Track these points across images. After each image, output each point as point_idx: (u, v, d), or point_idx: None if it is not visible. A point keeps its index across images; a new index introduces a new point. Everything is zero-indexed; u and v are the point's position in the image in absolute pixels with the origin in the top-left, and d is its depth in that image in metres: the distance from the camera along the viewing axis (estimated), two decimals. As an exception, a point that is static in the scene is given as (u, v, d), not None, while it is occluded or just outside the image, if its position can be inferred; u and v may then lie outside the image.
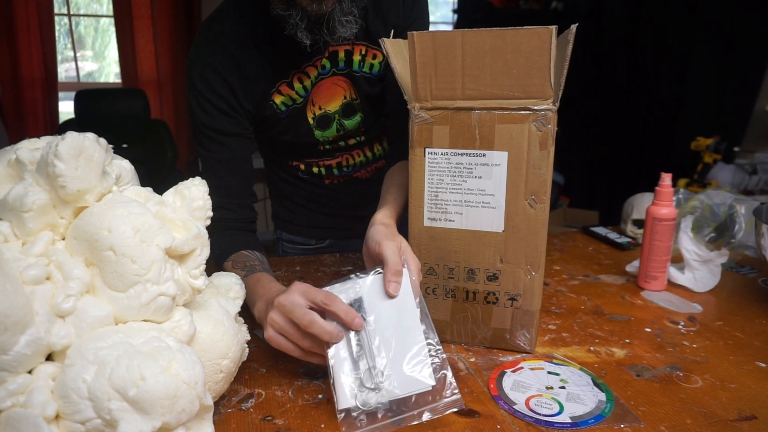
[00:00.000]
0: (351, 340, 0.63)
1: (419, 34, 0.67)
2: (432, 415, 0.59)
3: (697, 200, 1.12)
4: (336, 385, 0.61)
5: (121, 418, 0.47)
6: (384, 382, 0.60)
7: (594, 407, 0.63)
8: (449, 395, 0.60)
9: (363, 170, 1.12)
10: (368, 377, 0.61)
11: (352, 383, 0.61)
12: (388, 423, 0.59)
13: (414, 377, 0.60)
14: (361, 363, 0.62)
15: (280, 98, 0.95)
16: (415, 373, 0.61)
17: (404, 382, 0.60)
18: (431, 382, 0.60)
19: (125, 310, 0.53)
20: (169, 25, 3.42)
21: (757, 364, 0.72)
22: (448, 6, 4.37)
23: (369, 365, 0.61)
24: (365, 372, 0.61)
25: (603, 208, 3.46)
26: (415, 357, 0.62)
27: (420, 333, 0.63)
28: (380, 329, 0.63)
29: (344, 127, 1.02)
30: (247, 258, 0.86)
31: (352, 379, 0.61)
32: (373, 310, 0.65)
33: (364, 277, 0.67)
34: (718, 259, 0.95)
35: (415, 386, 0.60)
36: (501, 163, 0.69)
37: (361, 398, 0.60)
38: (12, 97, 3.17)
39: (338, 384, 0.61)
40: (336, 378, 0.61)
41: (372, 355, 0.62)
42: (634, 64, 3.33)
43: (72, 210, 0.55)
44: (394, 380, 0.60)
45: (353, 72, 0.97)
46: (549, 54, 0.64)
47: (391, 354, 0.62)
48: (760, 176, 2.84)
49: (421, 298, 0.67)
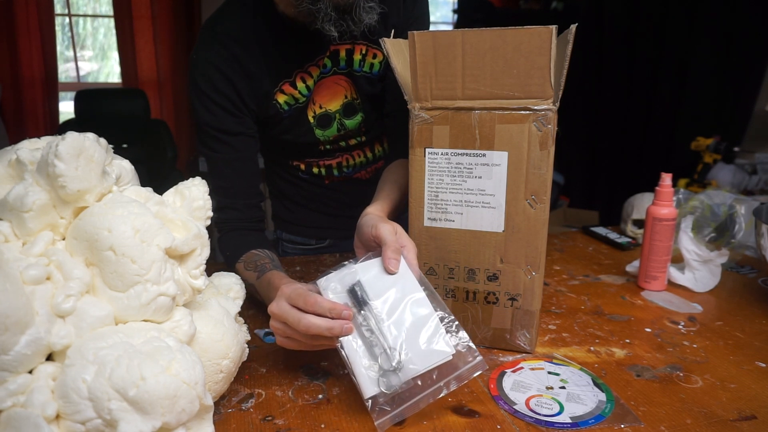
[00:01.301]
0: (360, 327, 0.62)
1: (420, 33, 0.67)
2: (458, 383, 0.59)
3: (697, 200, 1.12)
4: (356, 375, 0.60)
5: (121, 418, 0.47)
6: (403, 361, 0.59)
7: (594, 407, 0.63)
8: (471, 360, 0.60)
9: (363, 171, 1.12)
10: (386, 360, 0.59)
11: (371, 369, 0.60)
12: (416, 400, 0.58)
13: (432, 349, 0.59)
14: (376, 348, 0.60)
15: (283, 97, 0.95)
16: (432, 346, 0.60)
17: (423, 356, 0.59)
18: (450, 350, 0.59)
19: (125, 310, 0.53)
20: (169, 25, 3.42)
21: (757, 364, 0.72)
22: (448, 6, 4.37)
23: (384, 347, 0.60)
24: (382, 355, 0.60)
25: (603, 208, 3.46)
26: (428, 331, 0.60)
27: (428, 307, 0.62)
28: (388, 311, 0.62)
29: (345, 126, 1.02)
30: (257, 257, 0.86)
31: (370, 365, 0.60)
32: (375, 293, 0.63)
33: (358, 261, 0.66)
34: (718, 259, 0.95)
35: (435, 358, 0.59)
36: (501, 163, 0.69)
37: (384, 383, 0.59)
38: (12, 97, 3.17)
39: (358, 374, 0.60)
40: (354, 368, 0.60)
41: (384, 336, 0.60)
42: (634, 64, 3.33)
43: (72, 210, 0.55)
44: (413, 357, 0.59)
45: (354, 71, 0.97)
46: (549, 54, 0.64)
47: (404, 332, 0.61)
48: (760, 176, 2.84)
49: (422, 275, 0.66)
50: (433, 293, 0.64)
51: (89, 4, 3.57)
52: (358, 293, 0.63)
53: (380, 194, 0.85)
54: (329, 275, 0.66)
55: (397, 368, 0.59)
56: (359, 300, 0.63)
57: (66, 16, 3.44)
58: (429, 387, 0.59)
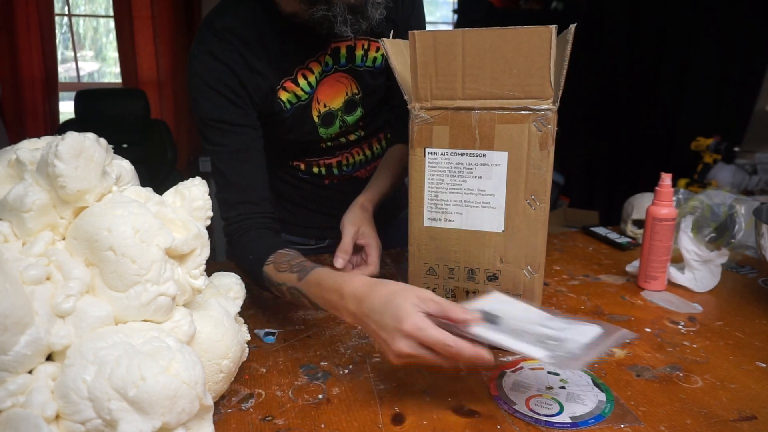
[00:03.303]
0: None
1: (420, 33, 0.67)
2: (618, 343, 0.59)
3: (697, 200, 1.12)
4: (518, 349, 0.56)
5: (121, 418, 0.47)
6: (559, 344, 0.57)
7: (594, 407, 0.63)
8: (615, 331, 0.59)
9: (363, 169, 1.12)
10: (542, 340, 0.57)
11: (531, 342, 0.57)
12: (591, 353, 0.56)
13: (582, 331, 0.59)
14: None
15: (285, 95, 0.95)
16: (580, 333, 0.59)
17: (576, 337, 0.58)
18: (598, 327, 0.59)
19: (125, 310, 0.53)
20: (169, 25, 3.42)
21: (757, 364, 0.72)
22: (448, 6, 4.37)
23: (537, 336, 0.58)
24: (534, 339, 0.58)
25: (603, 208, 3.46)
26: (564, 329, 0.59)
27: (550, 318, 0.62)
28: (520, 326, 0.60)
29: (346, 123, 1.03)
30: (290, 257, 0.79)
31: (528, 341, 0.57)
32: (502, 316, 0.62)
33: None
34: (718, 259, 0.95)
35: (589, 333, 0.59)
36: (501, 163, 0.69)
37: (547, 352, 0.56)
38: (12, 97, 3.17)
39: (518, 347, 0.56)
40: (512, 346, 0.56)
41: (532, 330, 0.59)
42: (634, 64, 3.33)
43: (72, 210, 0.55)
44: (566, 341, 0.57)
45: (355, 67, 0.98)
46: (549, 53, 0.64)
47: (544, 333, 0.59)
48: (760, 176, 2.84)
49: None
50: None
51: (89, 4, 3.57)
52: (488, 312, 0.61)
53: (373, 182, 0.97)
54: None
55: (557, 342, 0.57)
56: (490, 319, 0.60)
57: (66, 16, 3.44)
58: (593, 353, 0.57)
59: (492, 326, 0.59)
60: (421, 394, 0.66)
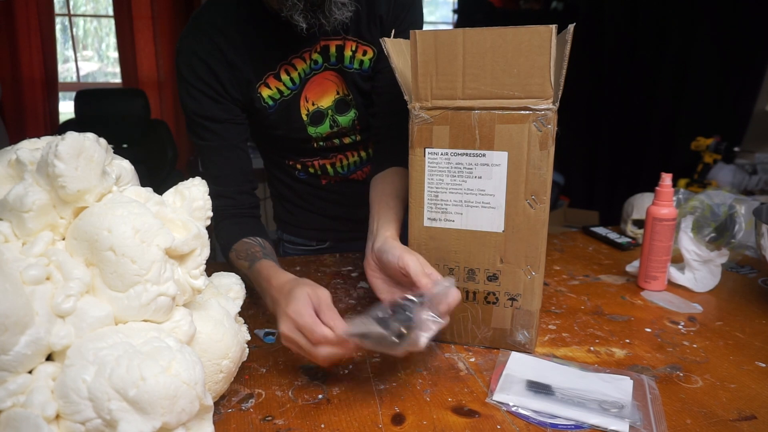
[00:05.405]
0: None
1: (421, 32, 0.67)
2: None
3: (697, 200, 1.11)
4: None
5: (121, 418, 0.47)
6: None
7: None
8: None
9: (359, 171, 1.11)
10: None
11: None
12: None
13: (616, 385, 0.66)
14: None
15: (267, 92, 0.95)
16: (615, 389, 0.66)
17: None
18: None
19: (125, 310, 0.53)
20: (169, 25, 3.42)
21: (757, 364, 0.72)
22: (448, 6, 4.37)
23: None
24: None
25: (603, 208, 3.46)
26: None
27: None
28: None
29: (338, 123, 1.02)
30: (248, 246, 0.87)
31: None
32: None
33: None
34: (718, 259, 0.95)
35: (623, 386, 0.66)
36: (501, 163, 0.69)
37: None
38: (12, 97, 3.17)
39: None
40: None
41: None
42: (634, 64, 3.33)
43: (72, 210, 0.55)
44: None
45: (344, 68, 0.97)
46: (549, 53, 0.64)
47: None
48: (760, 176, 2.84)
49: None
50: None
51: (89, 4, 3.57)
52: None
53: (388, 215, 0.81)
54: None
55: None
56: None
57: (66, 16, 3.44)
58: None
59: (549, 397, 0.64)
60: (421, 394, 0.66)
